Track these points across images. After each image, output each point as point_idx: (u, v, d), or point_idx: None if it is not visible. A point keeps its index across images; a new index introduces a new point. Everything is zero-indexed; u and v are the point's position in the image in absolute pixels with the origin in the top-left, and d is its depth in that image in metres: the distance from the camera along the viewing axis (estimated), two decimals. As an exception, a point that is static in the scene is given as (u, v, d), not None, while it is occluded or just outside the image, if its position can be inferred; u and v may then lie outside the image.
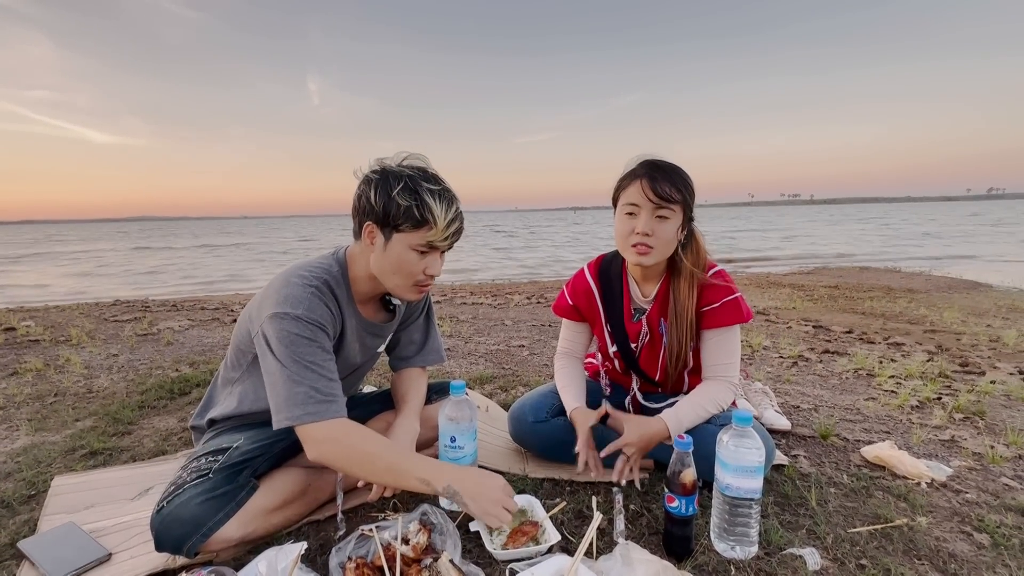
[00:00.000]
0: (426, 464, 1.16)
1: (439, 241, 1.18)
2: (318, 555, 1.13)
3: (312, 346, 1.13)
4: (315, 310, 1.14)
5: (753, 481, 1.07)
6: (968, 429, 1.89)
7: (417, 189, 1.14)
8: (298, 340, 1.11)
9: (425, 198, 1.14)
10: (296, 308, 1.12)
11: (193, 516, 1.06)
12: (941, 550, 1.17)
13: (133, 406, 2.12)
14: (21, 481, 1.51)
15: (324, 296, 1.19)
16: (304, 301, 1.14)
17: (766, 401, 1.93)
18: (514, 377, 2.53)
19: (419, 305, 1.51)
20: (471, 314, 4.49)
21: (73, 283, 10.67)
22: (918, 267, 8.98)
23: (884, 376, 2.51)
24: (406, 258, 1.18)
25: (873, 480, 1.48)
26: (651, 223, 1.29)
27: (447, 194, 1.17)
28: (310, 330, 1.13)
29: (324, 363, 1.14)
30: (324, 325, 1.16)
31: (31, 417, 2.03)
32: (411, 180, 1.14)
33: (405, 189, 1.13)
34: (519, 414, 1.57)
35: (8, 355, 3.04)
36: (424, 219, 1.14)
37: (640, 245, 1.30)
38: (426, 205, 1.13)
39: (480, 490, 1.14)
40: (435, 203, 1.14)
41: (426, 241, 1.16)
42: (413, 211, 1.13)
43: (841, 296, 5.51)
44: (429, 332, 1.54)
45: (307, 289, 1.16)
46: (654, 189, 1.27)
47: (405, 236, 1.16)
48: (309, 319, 1.13)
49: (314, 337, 1.13)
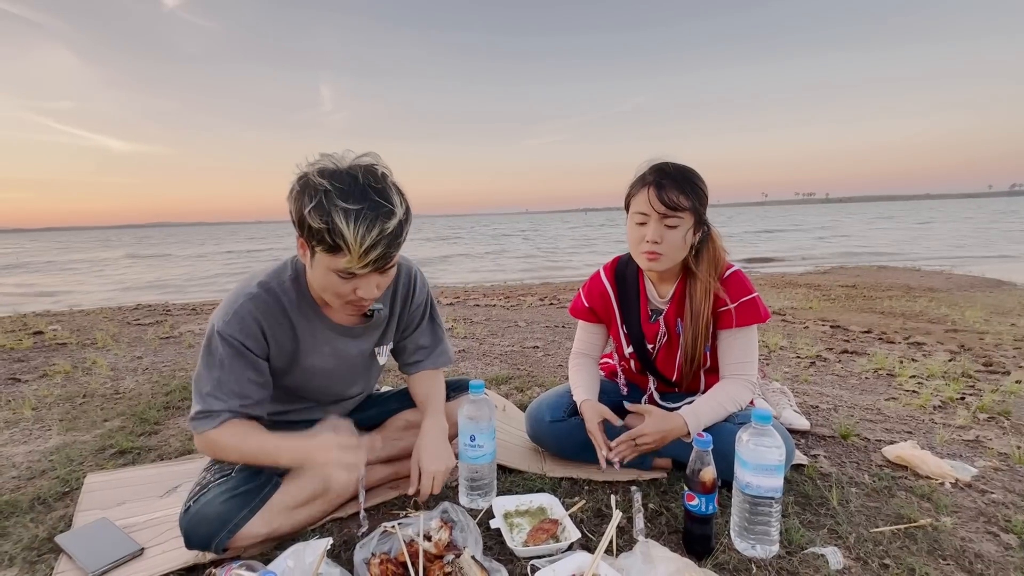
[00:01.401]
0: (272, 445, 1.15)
1: (356, 268, 1.03)
2: (342, 551, 1.15)
3: (229, 361, 1.15)
4: (234, 324, 1.15)
5: (773, 479, 1.07)
6: (993, 429, 1.85)
7: (330, 210, 0.98)
8: (213, 352, 1.15)
9: (336, 221, 0.98)
10: (220, 319, 1.16)
11: (218, 514, 1.08)
12: (967, 550, 1.15)
13: (158, 407, 2.18)
14: (55, 479, 1.56)
15: (259, 306, 1.17)
16: (230, 314, 1.15)
17: (784, 401, 1.92)
18: (529, 378, 2.55)
19: (419, 309, 1.45)
20: (485, 316, 4.51)
21: (100, 287, 10.94)
22: (938, 266, 8.80)
23: (905, 376, 2.47)
24: (329, 280, 1.09)
25: (895, 480, 1.46)
26: (659, 231, 1.30)
27: (366, 215, 0.99)
28: (229, 345, 1.15)
29: (234, 380, 1.16)
30: (243, 340, 1.15)
31: (62, 417, 2.09)
32: (325, 197, 0.99)
33: (317, 208, 0.99)
34: (536, 413, 1.58)
35: (38, 358, 3.13)
36: (336, 245, 1.00)
37: (650, 252, 1.32)
38: (336, 230, 0.98)
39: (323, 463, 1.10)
40: (347, 227, 0.98)
41: (342, 267, 1.04)
42: (324, 235, 1.00)
43: (859, 295, 5.43)
44: (437, 334, 1.51)
45: (238, 301, 1.16)
46: (660, 198, 1.28)
47: (322, 258, 1.05)
48: (228, 334, 1.14)
49: (231, 352, 1.15)
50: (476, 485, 1.33)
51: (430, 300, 1.49)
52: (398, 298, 1.40)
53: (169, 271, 14.90)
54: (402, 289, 1.40)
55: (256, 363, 1.19)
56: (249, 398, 1.18)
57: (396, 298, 1.40)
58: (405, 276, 1.41)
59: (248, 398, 1.18)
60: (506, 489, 1.40)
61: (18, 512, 1.37)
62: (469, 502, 1.33)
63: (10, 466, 1.67)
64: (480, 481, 1.33)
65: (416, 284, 1.43)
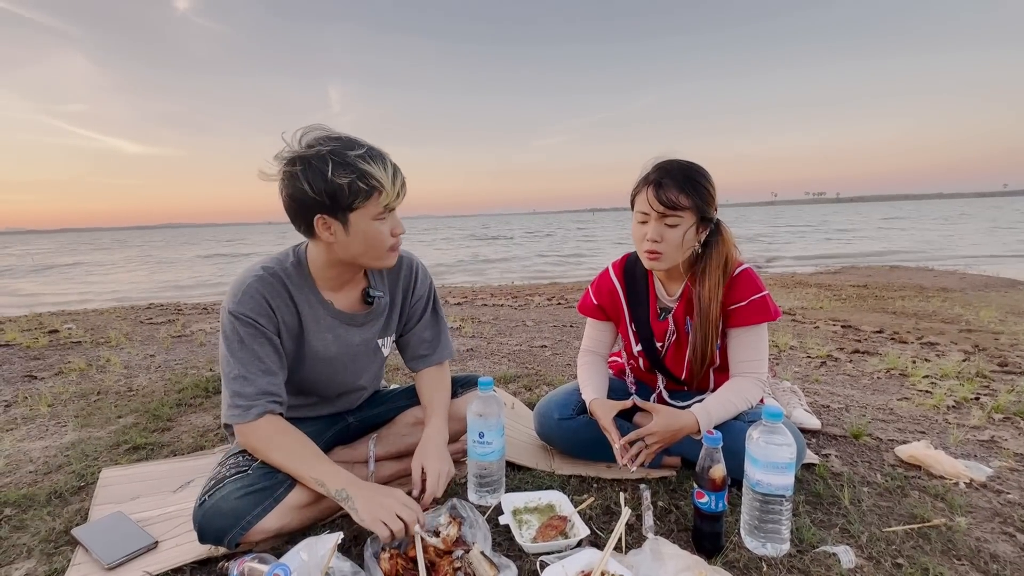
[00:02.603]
0: (325, 468, 1.13)
1: (393, 201, 1.14)
2: (352, 546, 1.16)
3: (249, 340, 1.16)
4: (245, 303, 1.16)
5: (784, 477, 1.07)
6: (1009, 429, 1.83)
7: (351, 162, 1.07)
8: (233, 336, 1.16)
9: (362, 167, 1.07)
10: (231, 301, 1.17)
11: (233, 509, 1.09)
12: (982, 551, 1.14)
13: (171, 404, 2.20)
14: (71, 473, 1.58)
15: (265, 286, 1.19)
16: (240, 294, 1.17)
17: (795, 400, 1.91)
18: (537, 376, 2.55)
19: (420, 301, 1.45)
20: (492, 315, 4.52)
21: (113, 286, 11.09)
22: (952, 265, 8.68)
23: (918, 376, 2.44)
24: (372, 231, 1.14)
25: (908, 480, 1.45)
26: (659, 230, 1.30)
27: (373, 152, 1.11)
28: (245, 324, 1.16)
29: (258, 358, 1.16)
30: (255, 318, 1.16)
31: (77, 414, 2.13)
32: (336, 155, 1.07)
33: (338, 166, 1.06)
34: (545, 411, 1.58)
35: (53, 356, 3.18)
36: (372, 187, 1.09)
37: (650, 251, 1.33)
38: (366, 172, 1.08)
39: (375, 499, 1.09)
40: (372, 166, 1.08)
41: (382, 207, 1.12)
42: (358, 183, 1.07)
43: (870, 295, 5.37)
44: (440, 327, 1.51)
45: (245, 282, 1.18)
46: (659, 198, 1.28)
47: (362, 211, 1.11)
48: (241, 313, 1.15)
49: (249, 330, 1.16)
50: (485, 482, 1.34)
51: (433, 292, 1.49)
52: (399, 288, 1.41)
53: (180, 271, 15.08)
54: (403, 280, 1.41)
55: (272, 339, 1.21)
56: (276, 375, 1.20)
57: (397, 288, 1.40)
58: (407, 267, 1.41)
59: (275, 374, 1.19)
60: (515, 486, 1.41)
61: (35, 505, 1.39)
62: (478, 498, 1.33)
63: (27, 461, 1.70)
64: (489, 478, 1.34)
65: (418, 275, 1.44)
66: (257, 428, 1.15)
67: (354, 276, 1.31)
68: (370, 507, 1.07)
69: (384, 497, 1.10)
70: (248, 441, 1.17)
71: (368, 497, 1.09)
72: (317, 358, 1.30)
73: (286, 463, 1.14)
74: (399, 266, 1.40)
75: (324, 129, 1.13)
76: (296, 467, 1.14)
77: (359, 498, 1.08)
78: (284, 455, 1.15)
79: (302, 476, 1.13)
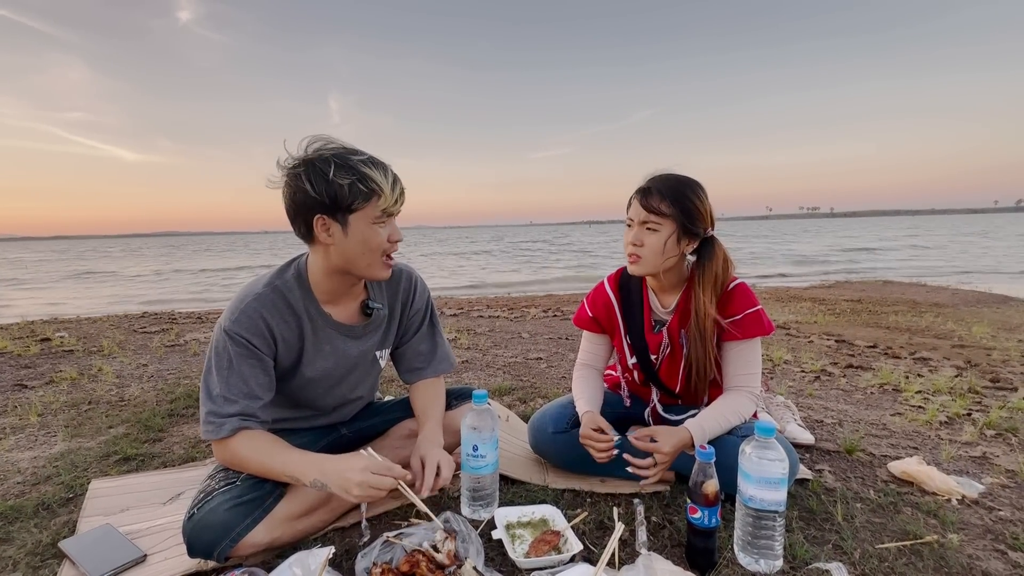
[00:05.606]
0: (296, 461, 1.14)
1: (392, 207, 1.17)
2: (343, 560, 1.15)
3: (238, 361, 1.16)
4: (241, 323, 1.16)
5: (777, 493, 1.07)
6: (1000, 446, 1.84)
7: (351, 164, 1.12)
8: (223, 353, 1.16)
9: (363, 170, 1.12)
10: (227, 318, 1.17)
11: (222, 522, 1.08)
12: (974, 568, 1.14)
13: (163, 414, 2.19)
14: (60, 484, 1.56)
15: (265, 304, 1.19)
16: (237, 312, 1.17)
17: (788, 415, 1.91)
18: (532, 389, 2.54)
19: (418, 313, 1.46)
20: (488, 327, 4.52)
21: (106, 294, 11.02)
22: (944, 281, 8.75)
23: (911, 391, 2.45)
24: (370, 235, 1.16)
25: (901, 496, 1.45)
26: (640, 234, 1.36)
27: (375, 160, 1.16)
28: (238, 343, 1.16)
29: (243, 380, 1.16)
30: (249, 338, 1.17)
31: (67, 424, 2.11)
32: (339, 158, 1.12)
33: (340, 168, 1.10)
34: (539, 424, 1.58)
35: (44, 364, 3.16)
36: (372, 190, 1.13)
37: (631, 255, 1.39)
38: (367, 176, 1.12)
39: (343, 474, 1.09)
40: (373, 171, 1.13)
41: (380, 210, 1.15)
42: (358, 185, 1.11)
43: (864, 310, 5.40)
44: (436, 340, 1.50)
45: (245, 300, 1.18)
46: (642, 203, 1.35)
47: (361, 214, 1.14)
48: (235, 332, 1.16)
49: (240, 350, 1.16)
50: (478, 495, 1.33)
51: (430, 306, 1.50)
52: (398, 301, 1.41)
53: (176, 280, 15.01)
54: (402, 293, 1.41)
55: (263, 362, 1.20)
56: (259, 399, 1.19)
57: (396, 301, 1.41)
58: (405, 280, 1.42)
59: (258, 399, 1.18)
60: (508, 500, 1.40)
61: (22, 517, 1.38)
62: (471, 512, 1.33)
63: (15, 471, 1.68)
64: (482, 491, 1.33)
65: (416, 288, 1.45)
66: (230, 443, 1.15)
67: (353, 288, 1.31)
68: (343, 484, 1.08)
69: (347, 471, 1.09)
70: (222, 456, 1.17)
71: (338, 472, 1.09)
72: (315, 370, 1.30)
73: (261, 469, 1.15)
74: (398, 278, 1.40)
75: (328, 139, 1.17)
76: (269, 469, 1.14)
77: (331, 483, 1.09)
78: (258, 463, 1.15)
79: (277, 475, 1.14)
